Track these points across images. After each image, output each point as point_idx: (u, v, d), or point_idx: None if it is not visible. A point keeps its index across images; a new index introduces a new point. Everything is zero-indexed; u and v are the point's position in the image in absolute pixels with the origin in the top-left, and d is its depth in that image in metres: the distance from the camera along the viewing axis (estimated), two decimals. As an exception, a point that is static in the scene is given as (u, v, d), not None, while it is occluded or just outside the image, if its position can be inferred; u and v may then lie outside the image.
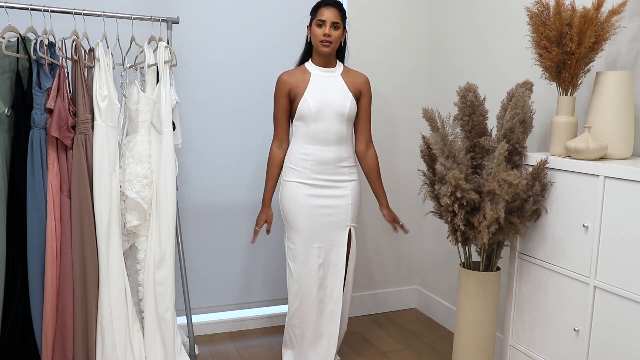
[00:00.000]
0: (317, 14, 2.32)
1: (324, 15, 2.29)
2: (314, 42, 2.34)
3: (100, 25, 2.38)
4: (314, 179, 2.36)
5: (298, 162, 2.37)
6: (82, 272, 2.24)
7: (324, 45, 2.31)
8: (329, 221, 2.39)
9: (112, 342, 2.27)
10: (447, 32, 3.06)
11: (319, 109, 2.32)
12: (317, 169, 2.36)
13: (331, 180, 2.38)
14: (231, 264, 3.03)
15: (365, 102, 2.46)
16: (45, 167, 2.19)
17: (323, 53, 2.34)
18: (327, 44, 2.30)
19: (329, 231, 2.40)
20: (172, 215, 2.37)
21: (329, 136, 2.35)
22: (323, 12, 2.29)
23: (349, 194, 2.42)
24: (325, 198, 2.38)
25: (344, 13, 2.35)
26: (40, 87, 2.16)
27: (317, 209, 2.37)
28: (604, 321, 1.77)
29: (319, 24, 2.30)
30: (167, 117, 2.35)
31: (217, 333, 3.04)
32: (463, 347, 2.21)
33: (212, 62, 2.84)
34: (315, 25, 2.31)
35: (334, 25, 2.30)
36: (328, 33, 2.29)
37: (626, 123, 1.89)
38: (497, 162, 1.94)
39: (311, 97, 2.33)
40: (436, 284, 3.26)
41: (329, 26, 2.29)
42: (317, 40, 2.31)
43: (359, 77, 2.45)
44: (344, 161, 2.41)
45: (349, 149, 2.43)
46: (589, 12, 1.90)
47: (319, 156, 2.35)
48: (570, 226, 1.89)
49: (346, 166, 2.42)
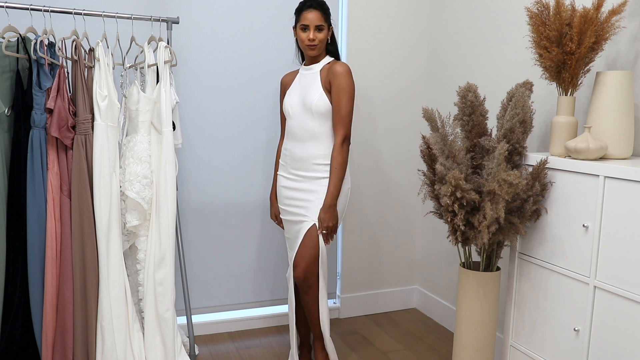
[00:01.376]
0: (300, 17, 2.32)
1: (306, 19, 2.30)
2: (301, 45, 2.38)
3: (100, 25, 2.38)
4: (291, 173, 2.43)
5: (282, 157, 2.50)
6: (82, 272, 2.24)
7: (310, 49, 2.34)
8: (294, 212, 2.40)
9: (112, 342, 2.27)
10: (447, 32, 3.06)
11: (291, 106, 2.41)
12: (292, 164, 2.42)
13: (304, 176, 2.38)
14: (231, 264, 3.03)
15: (335, 93, 2.29)
16: (45, 167, 2.19)
17: (310, 55, 2.38)
18: (312, 47, 2.33)
19: (292, 223, 2.43)
20: (172, 215, 2.37)
21: (300, 132, 2.37)
22: (306, 16, 2.30)
23: (321, 190, 2.34)
24: (295, 191, 2.40)
25: (327, 13, 2.34)
26: (40, 87, 2.16)
27: (288, 200, 2.44)
28: (604, 321, 1.77)
29: (303, 27, 2.32)
30: (167, 117, 2.35)
31: (217, 333, 3.04)
32: (463, 347, 2.21)
33: (212, 62, 2.84)
34: (300, 29, 2.33)
35: (318, 28, 2.31)
36: (312, 37, 2.30)
37: (626, 123, 1.89)
38: (497, 162, 1.94)
39: (288, 96, 2.45)
40: (436, 284, 3.26)
41: (312, 30, 2.30)
42: (303, 44, 2.35)
43: (331, 68, 2.32)
44: (319, 158, 2.34)
45: (326, 146, 2.34)
46: (589, 12, 1.89)
47: (294, 152, 2.40)
48: (570, 226, 1.89)
49: (321, 164, 2.34)
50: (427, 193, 2.20)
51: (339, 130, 2.30)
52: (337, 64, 2.31)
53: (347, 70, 2.29)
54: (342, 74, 2.28)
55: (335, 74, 2.28)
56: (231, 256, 3.02)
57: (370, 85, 3.15)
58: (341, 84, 2.28)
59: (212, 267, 2.99)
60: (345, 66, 2.29)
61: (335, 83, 2.29)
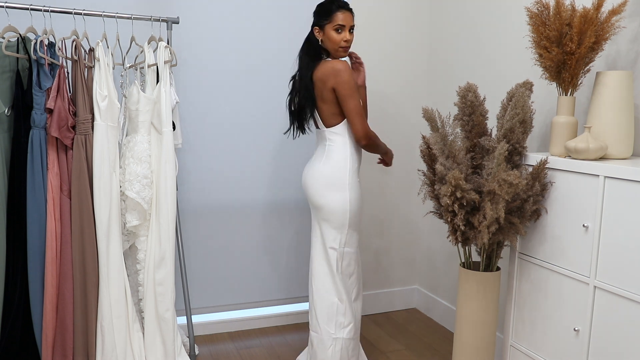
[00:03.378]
0: (332, 18, 2.24)
1: (342, 20, 2.24)
2: (329, 46, 2.28)
3: (100, 25, 2.38)
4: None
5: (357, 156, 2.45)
6: (82, 272, 2.24)
7: (344, 50, 2.29)
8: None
9: (112, 342, 2.27)
10: (447, 32, 3.06)
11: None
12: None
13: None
14: (231, 264, 3.03)
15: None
16: (45, 167, 2.19)
17: (341, 57, 2.31)
18: (347, 48, 2.29)
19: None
20: (172, 215, 2.37)
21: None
22: (340, 17, 2.23)
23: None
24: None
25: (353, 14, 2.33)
26: (40, 87, 2.16)
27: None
28: (604, 321, 1.77)
29: (337, 28, 2.24)
30: (167, 117, 2.35)
31: (217, 333, 3.04)
32: (463, 347, 2.21)
33: (212, 62, 2.84)
34: (332, 30, 2.24)
35: (351, 29, 2.28)
36: (349, 39, 2.27)
37: (626, 123, 1.89)
38: (497, 162, 1.94)
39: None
40: (436, 284, 3.26)
41: (347, 31, 2.26)
42: (336, 46, 2.26)
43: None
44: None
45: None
46: (589, 12, 1.89)
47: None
48: (570, 226, 1.89)
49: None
50: (427, 193, 2.20)
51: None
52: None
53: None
54: (323, 72, 2.29)
55: (317, 72, 2.31)
56: (231, 256, 3.02)
57: (370, 85, 3.14)
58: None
59: (212, 267, 2.99)
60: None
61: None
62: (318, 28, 2.29)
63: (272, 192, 3.04)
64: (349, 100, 2.23)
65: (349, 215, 2.31)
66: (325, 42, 2.29)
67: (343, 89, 2.21)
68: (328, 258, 2.33)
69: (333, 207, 2.29)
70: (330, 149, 2.33)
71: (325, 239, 2.33)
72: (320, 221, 2.35)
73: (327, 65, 2.24)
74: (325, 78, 2.24)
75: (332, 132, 2.31)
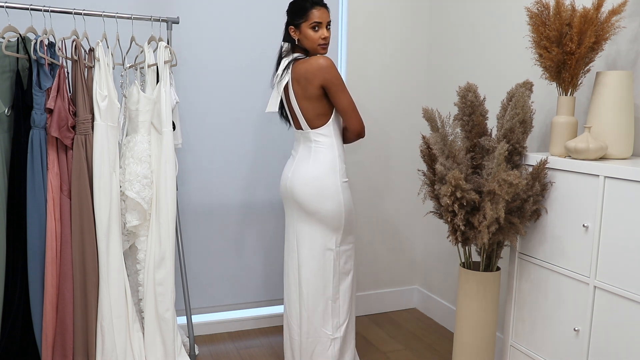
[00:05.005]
0: (308, 16, 2.19)
1: (318, 17, 2.19)
2: (308, 45, 2.23)
3: (100, 25, 2.38)
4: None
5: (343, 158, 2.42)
6: (82, 272, 2.24)
7: (322, 48, 2.24)
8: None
9: (112, 342, 2.27)
10: (447, 32, 3.06)
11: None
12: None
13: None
14: (231, 264, 3.03)
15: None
16: (45, 167, 2.19)
17: (321, 54, 2.25)
18: (325, 46, 2.24)
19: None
20: (172, 215, 2.37)
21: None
22: (316, 14, 2.19)
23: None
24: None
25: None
26: (40, 87, 2.17)
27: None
28: (604, 321, 1.77)
29: (314, 26, 2.19)
30: (167, 117, 2.35)
31: (217, 333, 3.04)
32: (463, 347, 2.21)
33: (212, 62, 2.84)
34: (309, 28, 2.20)
35: (328, 25, 2.24)
36: (327, 35, 2.22)
37: (626, 123, 1.89)
38: (497, 162, 1.94)
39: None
40: (436, 284, 3.26)
41: (325, 28, 2.22)
42: (315, 44, 2.22)
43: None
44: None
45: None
46: (589, 12, 1.90)
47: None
48: (570, 226, 1.89)
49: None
50: (427, 193, 2.20)
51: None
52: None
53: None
54: (301, 69, 2.27)
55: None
56: (231, 256, 3.02)
57: (370, 85, 3.15)
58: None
59: (212, 267, 2.99)
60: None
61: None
62: (294, 27, 2.24)
63: (271, 192, 3.04)
64: (342, 96, 2.21)
65: (344, 216, 2.29)
66: (303, 41, 2.24)
67: (334, 84, 2.18)
68: (324, 260, 2.30)
69: (328, 212, 2.26)
70: (317, 151, 2.27)
71: (319, 241, 2.29)
72: (313, 224, 2.29)
73: (311, 62, 2.20)
74: (310, 75, 2.19)
75: (318, 133, 2.27)
